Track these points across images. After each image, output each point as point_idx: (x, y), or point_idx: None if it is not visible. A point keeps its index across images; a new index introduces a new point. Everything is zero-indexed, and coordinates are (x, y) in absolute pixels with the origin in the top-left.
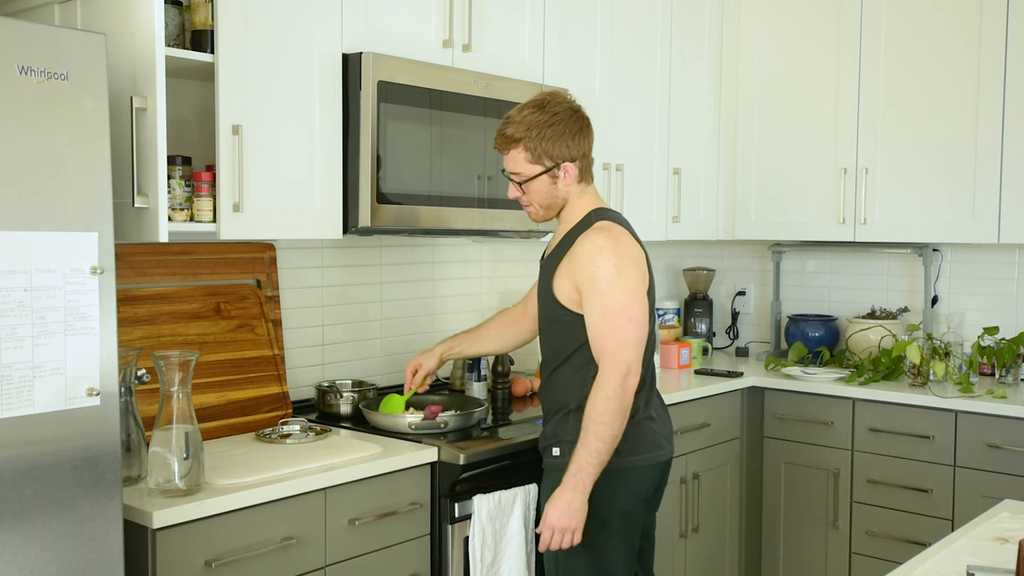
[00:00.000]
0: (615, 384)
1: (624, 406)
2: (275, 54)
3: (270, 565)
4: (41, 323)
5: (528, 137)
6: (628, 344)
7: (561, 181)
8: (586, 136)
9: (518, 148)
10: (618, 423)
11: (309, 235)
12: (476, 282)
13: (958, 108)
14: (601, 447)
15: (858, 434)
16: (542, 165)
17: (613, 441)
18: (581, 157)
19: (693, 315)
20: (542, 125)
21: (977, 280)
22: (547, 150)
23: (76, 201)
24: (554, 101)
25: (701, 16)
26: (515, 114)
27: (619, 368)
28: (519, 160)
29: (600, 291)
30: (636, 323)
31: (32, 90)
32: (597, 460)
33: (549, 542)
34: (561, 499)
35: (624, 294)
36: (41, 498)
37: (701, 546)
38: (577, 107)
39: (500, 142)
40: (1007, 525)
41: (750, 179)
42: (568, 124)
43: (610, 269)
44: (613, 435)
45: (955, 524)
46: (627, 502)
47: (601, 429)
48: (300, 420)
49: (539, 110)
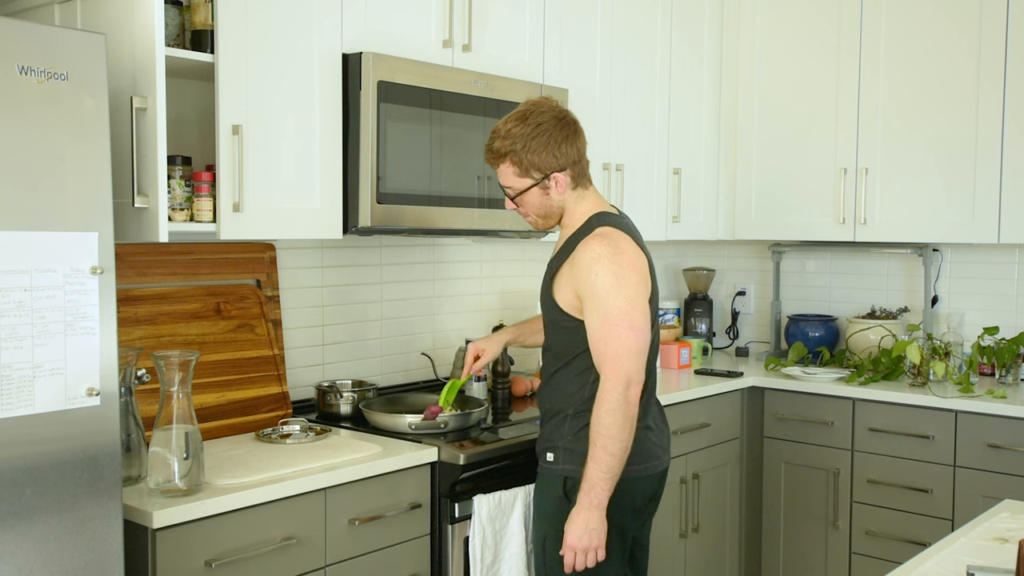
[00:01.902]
0: (618, 395)
1: (630, 417)
2: (275, 54)
3: (270, 565)
4: (41, 323)
5: (513, 151)
6: (629, 353)
7: (553, 191)
8: (573, 143)
9: (505, 163)
10: (626, 434)
11: (309, 235)
12: (476, 282)
13: (958, 108)
14: (611, 461)
15: (858, 434)
16: (531, 178)
17: (623, 453)
18: (571, 164)
19: (693, 315)
20: (526, 138)
21: (977, 280)
22: (533, 163)
23: (76, 201)
24: (537, 111)
25: (701, 16)
26: (500, 126)
27: (620, 378)
28: (508, 174)
29: (600, 299)
30: (637, 332)
31: (32, 90)
32: (609, 475)
33: (573, 563)
34: (578, 519)
35: (624, 302)
36: (41, 498)
37: (701, 546)
38: (563, 113)
39: (488, 156)
40: (1007, 525)
41: (750, 179)
42: (553, 134)
43: (609, 277)
44: (622, 447)
45: (955, 524)
46: (618, 513)
47: (609, 443)
48: (300, 420)
49: (521, 122)
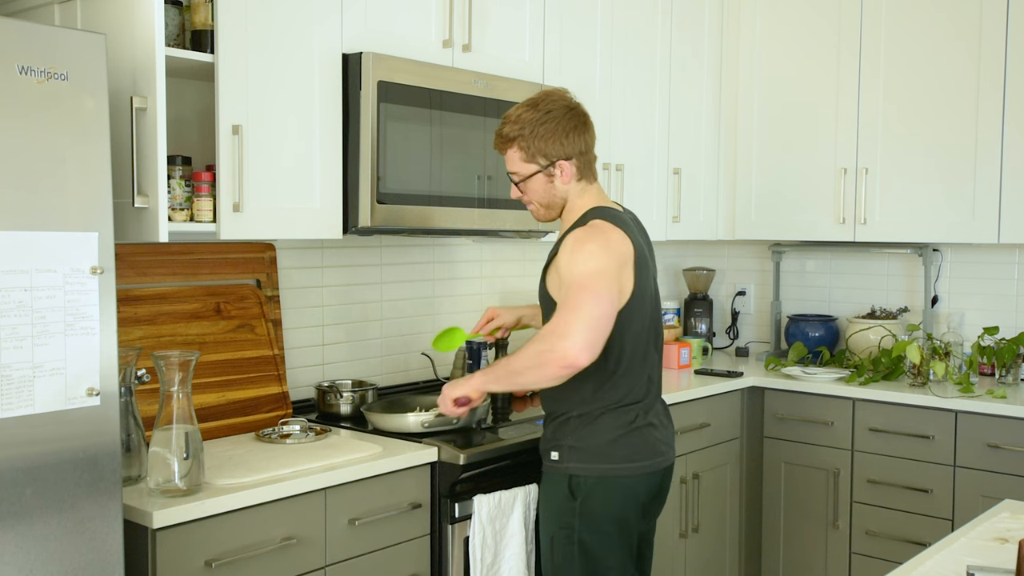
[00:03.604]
0: (549, 344)
1: (545, 376)
2: (275, 54)
3: (270, 565)
4: (41, 323)
5: (522, 136)
6: (582, 311)
7: (558, 179)
8: (582, 134)
9: (513, 147)
10: (527, 380)
11: (309, 235)
12: (476, 282)
13: (958, 108)
14: (504, 382)
15: (858, 434)
16: (537, 164)
17: (517, 387)
18: (578, 155)
19: (693, 315)
20: (535, 123)
21: (977, 280)
22: (541, 148)
23: (76, 201)
24: (548, 99)
25: (701, 16)
26: (511, 113)
27: (560, 330)
28: (515, 159)
29: (567, 269)
30: (596, 297)
31: (32, 90)
32: (497, 385)
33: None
34: (466, 382)
35: (589, 270)
36: (41, 498)
37: (701, 546)
38: (574, 104)
39: (497, 142)
40: (1007, 525)
41: (750, 179)
42: (562, 122)
43: (582, 253)
44: (522, 384)
45: (955, 524)
46: (623, 509)
47: (514, 376)
48: (300, 420)
49: (532, 108)
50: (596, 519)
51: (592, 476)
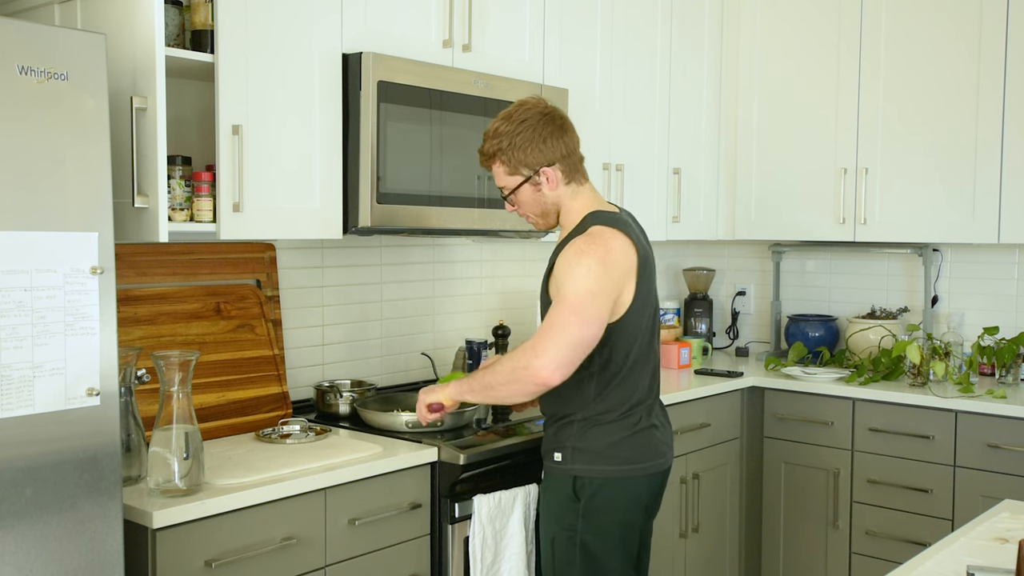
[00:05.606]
0: (524, 362)
1: (517, 392)
2: (275, 54)
3: (270, 565)
4: (41, 323)
5: (501, 149)
6: (564, 334)
7: (545, 187)
8: (561, 137)
9: (496, 162)
10: (500, 395)
11: (309, 235)
12: (476, 282)
13: (958, 108)
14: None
15: (858, 434)
16: (521, 175)
17: (490, 400)
18: (561, 159)
19: (693, 315)
20: (511, 135)
21: (977, 280)
22: (521, 159)
23: (76, 201)
24: (521, 109)
25: (701, 16)
26: (489, 129)
27: (537, 349)
28: (500, 174)
29: (562, 282)
30: (582, 320)
31: (32, 90)
32: (470, 394)
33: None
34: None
35: (582, 289)
36: (41, 498)
37: (701, 546)
38: (549, 110)
39: (481, 160)
40: (1007, 525)
41: (750, 179)
42: (538, 129)
43: (580, 270)
44: (495, 397)
45: (955, 524)
46: (628, 511)
47: (488, 391)
48: (300, 420)
49: (507, 120)
50: (600, 521)
51: (597, 478)
